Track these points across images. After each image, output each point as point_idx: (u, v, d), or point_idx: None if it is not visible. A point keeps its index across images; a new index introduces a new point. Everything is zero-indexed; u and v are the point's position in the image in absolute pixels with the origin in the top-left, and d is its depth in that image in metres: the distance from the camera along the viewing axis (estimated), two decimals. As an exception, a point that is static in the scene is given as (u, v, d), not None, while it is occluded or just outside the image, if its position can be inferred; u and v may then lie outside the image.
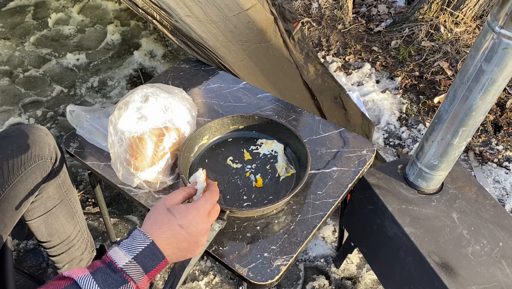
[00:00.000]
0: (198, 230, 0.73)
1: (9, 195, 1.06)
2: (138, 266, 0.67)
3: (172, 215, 0.72)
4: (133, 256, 0.67)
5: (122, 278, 0.65)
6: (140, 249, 0.68)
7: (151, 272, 0.69)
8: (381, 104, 2.29)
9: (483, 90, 0.90)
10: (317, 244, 1.68)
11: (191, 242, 0.73)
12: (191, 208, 0.74)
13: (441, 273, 1.00)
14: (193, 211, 0.73)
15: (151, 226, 0.71)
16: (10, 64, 2.59)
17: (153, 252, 0.69)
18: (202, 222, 0.73)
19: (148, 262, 0.68)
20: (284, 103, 1.36)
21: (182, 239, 0.71)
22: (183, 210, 0.73)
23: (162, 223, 0.71)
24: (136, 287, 0.67)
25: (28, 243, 1.67)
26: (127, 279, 0.66)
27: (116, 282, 0.65)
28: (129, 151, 1.06)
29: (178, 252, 0.72)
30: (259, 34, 1.74)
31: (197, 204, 0.75)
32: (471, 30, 2.61)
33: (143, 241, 0.69)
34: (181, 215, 0.72)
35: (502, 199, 1.87)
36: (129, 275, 0.66)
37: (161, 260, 0.70)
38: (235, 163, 1.18)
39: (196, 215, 0.73)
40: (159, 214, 0.73)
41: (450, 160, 1.08)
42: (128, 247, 0.68)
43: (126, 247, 0.68)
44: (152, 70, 2.54)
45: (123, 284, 0.65)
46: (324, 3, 2.93)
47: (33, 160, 1.09)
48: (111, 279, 0.65)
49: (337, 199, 1.07)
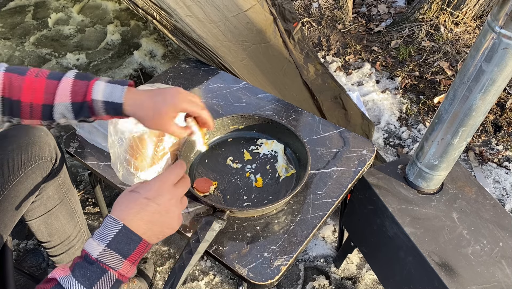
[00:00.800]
0: (166, 200, 0.71)
1: (9, 195, 1.06)
2: (113, 253, 0.66)
3: (136, 193, 0.71)
4: (106, 244, 0.66)
5: (100, 268, 0.65)
6: (112, 235, 0.67)
7: (130, 256, 0.67)
8: (381, 104, 2.29)
9: (483, 90, 0.90)
10: (317, 244, 1.68)
11: (163, 213, 0.71)
12: (155, 180, 0.73)
13: (441, 273, 1.00)
14: (156, 182, 0.72)
15: (120, 210, 0.70)
16: (10, 64, 2.58)
17: (126, 235, 0.67)
18: (168, 192, 0.72)
19: (124, 247, 0.67)
20: (284, 103, 1.36)
21: (153, 211, 0.70)
22: (146, 185, 0.72)
23: (129, 202, 0.70)
24: (118, 275, 0.66)
25: (28, 243, 1.67)
26: (105, 268, 0.65)
27: (95, 274, 0.64)
28: (129, 151, 1.06)
29: (153, 227, 0.70)
30: (259, 34, 1.74)
31: (160, 176, 0.74)
32: (471, 30, 2.61)
33: (114, 227, 0.67)
34: (145, 189, 0.71)
35: (502, 199, 1.87)
36: (106, 263, 0.65)
37: (138, 242, 0.68)
38: (235, 163, 1.18)
39: (161, 186, 0.72)
40: (124, 196, 0.72)
41: (450, 160, 1.08)
42: (100, 235, 0.67)
43: (99, 236, 0.67)
44: (152, 70, 2.54)
45: (103, 274, 0.65)
46: (324, 3, 2.93)
47: (33, 160, 1.09)
48: (89, 272, 0.64)
49: (337, 199, 1.07)
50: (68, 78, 0.83)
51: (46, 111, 0.83)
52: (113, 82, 0.84)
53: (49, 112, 0.83)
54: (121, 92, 0.83)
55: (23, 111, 0.82)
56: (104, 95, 0.83)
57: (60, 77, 0.83)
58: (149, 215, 0.69)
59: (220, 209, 0.99)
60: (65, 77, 0.83)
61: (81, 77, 0.84)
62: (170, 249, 1.66)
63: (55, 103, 0.82)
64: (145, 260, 1.55)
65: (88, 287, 0.63)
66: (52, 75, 0.83)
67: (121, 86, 0.84)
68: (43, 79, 0.82)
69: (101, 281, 0.64)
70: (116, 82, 0.84)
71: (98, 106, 0.83)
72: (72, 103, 0.82)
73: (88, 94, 0.82)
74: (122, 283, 0.69)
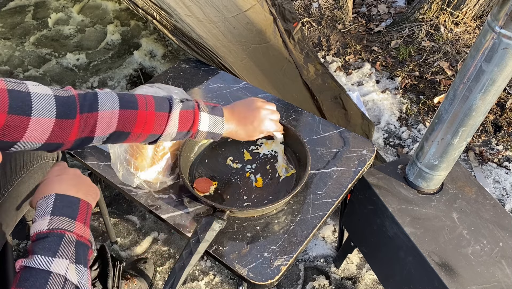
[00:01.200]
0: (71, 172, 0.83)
1: (11, 195, 1.06)
2: (61, 217, 0.71)
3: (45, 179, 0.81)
4: (50, 214, 0.71)
5: (55, 235, 0.68)
6: (51, 205, 0.72)
7: (78, 216, 0.73)
8: (381, 104, 2.29)
9: (483, 90, 0.90)
10: (317, 244, 1.68)
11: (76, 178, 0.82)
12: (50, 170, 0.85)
13: (441, 273, 1.00)
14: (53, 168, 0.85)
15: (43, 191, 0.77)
16: (10, 64, 2.59)
17: (63, 199, 0.74)
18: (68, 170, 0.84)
19: (68, 210, 0.73)
20: (284, 103, 1.36)
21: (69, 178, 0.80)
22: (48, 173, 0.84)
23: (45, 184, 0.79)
24: (76, 235, 0.70)
25: (28, 243, 1.67)
26: (60, 232, 0.69)
27: (54, 242, 0.67)
28: (129, 151, 1.07)
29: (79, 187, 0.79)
30: (259, 34, 1.74)
31: None
32: (471, 30, 2.61)
33: (48, 200, 0.73)
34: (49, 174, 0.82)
35: (502, 199, 1.87)
36: (59, 228, 0.69)
37: (77, 203, 0.75)
38: (235, 163, 1.18)
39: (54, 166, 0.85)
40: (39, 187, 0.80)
41: (450, 160, 1.08)
42: (40, 213, 0.72)
43: (39, 215, 0.72)
44: (152, 70, 2.54)
45: (61, 239, 0.68)
46: (324, 3, 2.93)
47: (36, 160, 1.10)
48: (47, 243, 0.67)
49: (337, 199, 1.07)
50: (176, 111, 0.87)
51: (152, 138, 0.88)
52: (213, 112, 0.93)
53: (155, 139, 0.89)
54: (222, 124, 0.94)
55: (129, 139, 0.86)
56: (209, 126, 0.92)
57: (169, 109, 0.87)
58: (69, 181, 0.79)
59: (220, 209, 0.99)
60: (174, 109, 0.87)
61: (186, 107, 0.89)
62: (170, 249, 1.66)
63: (164, 133, 0.87)
64: (145, 260, 1.55)
65: (52, 256, 0.66)
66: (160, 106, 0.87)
67: (221, 117, 0.94)
68: (152, 113, 0.85)
69: (62, 245, 0.68)
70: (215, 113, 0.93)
71: (200, 134, 0.92)
72: (178, 133, 0.89)
73: (195, 126, 0.90)
74: (87, 247, 0.72)
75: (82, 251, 0.70)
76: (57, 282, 0.63)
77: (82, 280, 0.67)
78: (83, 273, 0.68)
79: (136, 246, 1.66)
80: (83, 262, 0.69)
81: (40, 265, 0.64)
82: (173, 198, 1.09)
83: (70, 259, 0.67)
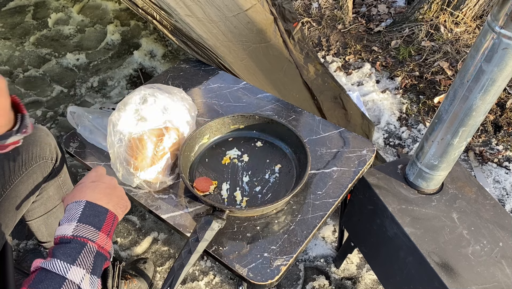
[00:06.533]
0: (108, 180, 0.83)
1: (10, 195, 1.06)
2: (87, 226, 0.71)
3: (81, 184, 0.81)
4: (77, 221, 0.71)
5: (78, 243, 0.68)
6: (80, 212, 0.72)
7: (103, 227, 0.72)
8: (381, 104, 2.29)
9: (483, 90, 0.90)
10: (317, 244, 1.68)
11: (112, 188, 0.81)
12: (89, 173, 0.86)
13: (441, 273, 1.00)
14: (92, 173, 0.85)
15: (74, 196, 0.76)
16: (10, 64, 2.59)
17: (93, 208, 0.74)
18: (105, 177, 0.84)
19: (94, 219, 0.72)
20: (284, 103, 1.36)
21: (104, 187, 0.80)
22: (85, 178, 0.83)
23: (79, 190, 0.78)
24: (97, 246, 0.70)
25: (28, 243, 1.67)
26: (83, 241, 0.69)
27: (75, 249, 0.67)
28: (128, 151, 1.06)
29: (111, 197, 0.78)
30: (259, 34, 1.74)
31: None
32: (471, 30, 2.61)
33: (78, 206, 0.73)
34: (86, 179, 0.82)
35: (502, 199, 1.87)
36: (83, 236, 0.69)
37: (105, 213, 0.74)
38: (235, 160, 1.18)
39: (97, 174, 0.84)
40: (72, 191, 0.80)
41: (450, 160, 1.08)
42: (68, 218, 0.72)
43: (67, 219, 0.72)
44: (152, 70, 2.54)
45: (82, 247, 0.68)
46: (324, 3, 2.93)
47: (34, 160, 1.09)
48: (69, 249, 0.67)
49: (337, 199, 1.07)
50: None
51: None
52: None
53: None
54: None
55: None
56: None
57: None
58: (103, 190, 0.79)
59: (220, 208, 0.99)
60: None
61: None
62: (170, 249, 1.66)
63: None
64: (145, 260, 1.55)
65: (71, 263, 0.65)
66: None
67: None
68: None
69: (82, 254, 0.67)
70: None
71: None
72: None
73: None
74: (105, 258, 0.72)
75: (100, 262, 0.70)
76: None
77: None
78: (95, 284, 0.68)
79: (136, 246, 1.66)
80: (98, 273, 0.69)
81: (58, 270, 0.64)
82: (173, 198, 1.09)
83: (87, 269, 0.67)
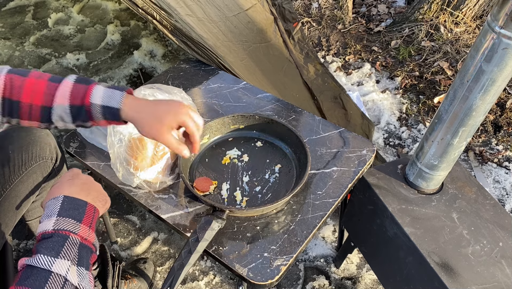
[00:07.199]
0: (84, 177, 0.83)
1: (10, 195, 1.06)
2: (67, 219, 0.71)
3: (57, 183, 0.81)
4: (56, 215, 0.71)
5: (60, 236, 0.69)
6: (58, 207, 0.73)
7: (84, 219, 0.73)
8: (381, 104, 2.29)
9: (483, 90, 0.90)
10: (317, 244, 1.68)
11: (89, 183, 0.82)
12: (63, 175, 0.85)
13: (441, 273, 1.00)
14: (68, 172, 0.85)
15: (52, 193, 0.77)
16: (10, 64, 2.59)
17: (71, 202, 0.74)
18: (81, 174, 0.84)
19: (74, 212, 0.73)
20: (284, 103, 1.36)
21: (81, 183, 0.80)
22: (61, 177, 0.83)
23: (57, 187, 0.79)
24: (80, 238, 0.70)
25: (28, 243, 1.67)
26: (65, 234, 0.69)
27: (58, 243, 0.68)
28: (128, 152, 1.06)
29: (89, 192, 0.79)
30: (259, 34, 1.74)
31: None
32: (471, 30, 2.61)
33: (56, 201, 0.74)
34: (63, 177, 0.82)
35: (502, 199, 1.87)
36: (64, 229, 0.69)
37: (85, 206, 0.75)
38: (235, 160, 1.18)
39: (73, 173, 0.84)
40: (50, 190, 0.80)
41: (450, 160, 1.08)
42: (47, 214, 0.72)
43: (46, 215, 0.72)
44: (152, 70, 2.54)
45: (65, 240, 0.68)
46: (324, 3, 2.93)
47: (34, 160, 1.09)
48: (51, 243, 0.67)
49: (337, 199, 1.07)
50: (68, 81, 0.84)
51: (44, 113, 0.83)
52: (112, 88, 0.84)
53: (47, 114, 0.84)
54: (120, 97, 0.83)
55: (22, 112, 0.83)
56: (103, 99, 0.83)
57: (61, 80, 0.84)
58: (80, 185, 0.79)
59: (220, 208, 0.99)
60: (65, 80, 0.84)
61: (81, 81, 0.84)
62: (170, 249, 1.66)
63: (54, 105, 0.82)
64: (145, 260, 1.55)
65: (55, 256, 0.66)
66: (53, 78, 0.84)
67: (119, 91, 0.84)
68: (44, 81, 0.83)
69: (66, 246, 0.68)
70: (115, 88, 0.85)
71: (96, 111, 0.83)
72: (70, 106, 0.83)
73: (87, 97, 0.82)
74: (90, 250, 0.72)
75: (85, 253, 0.71)
76: (56, 282, 0.64)
77: (83, 282, 0.67)
78: (84, 275, 0.68)
79: (136, 246, 1.66)
80: (85, 265, 0.69)
81: (42, 264, 0.64)
82: (173, 198, 1.09)
83: (72, 261, 0.67)
